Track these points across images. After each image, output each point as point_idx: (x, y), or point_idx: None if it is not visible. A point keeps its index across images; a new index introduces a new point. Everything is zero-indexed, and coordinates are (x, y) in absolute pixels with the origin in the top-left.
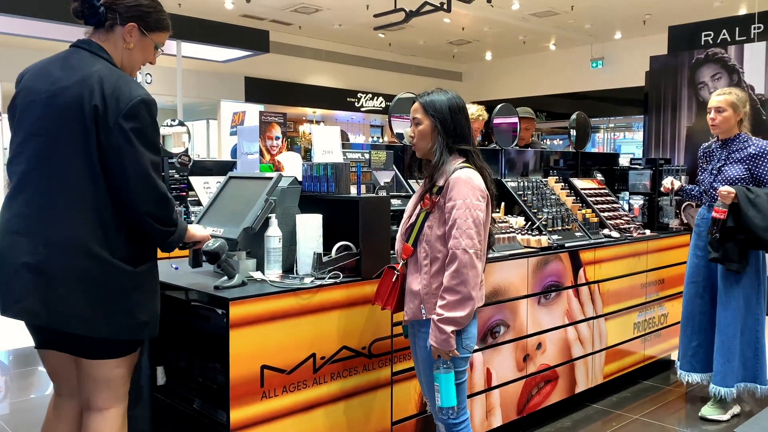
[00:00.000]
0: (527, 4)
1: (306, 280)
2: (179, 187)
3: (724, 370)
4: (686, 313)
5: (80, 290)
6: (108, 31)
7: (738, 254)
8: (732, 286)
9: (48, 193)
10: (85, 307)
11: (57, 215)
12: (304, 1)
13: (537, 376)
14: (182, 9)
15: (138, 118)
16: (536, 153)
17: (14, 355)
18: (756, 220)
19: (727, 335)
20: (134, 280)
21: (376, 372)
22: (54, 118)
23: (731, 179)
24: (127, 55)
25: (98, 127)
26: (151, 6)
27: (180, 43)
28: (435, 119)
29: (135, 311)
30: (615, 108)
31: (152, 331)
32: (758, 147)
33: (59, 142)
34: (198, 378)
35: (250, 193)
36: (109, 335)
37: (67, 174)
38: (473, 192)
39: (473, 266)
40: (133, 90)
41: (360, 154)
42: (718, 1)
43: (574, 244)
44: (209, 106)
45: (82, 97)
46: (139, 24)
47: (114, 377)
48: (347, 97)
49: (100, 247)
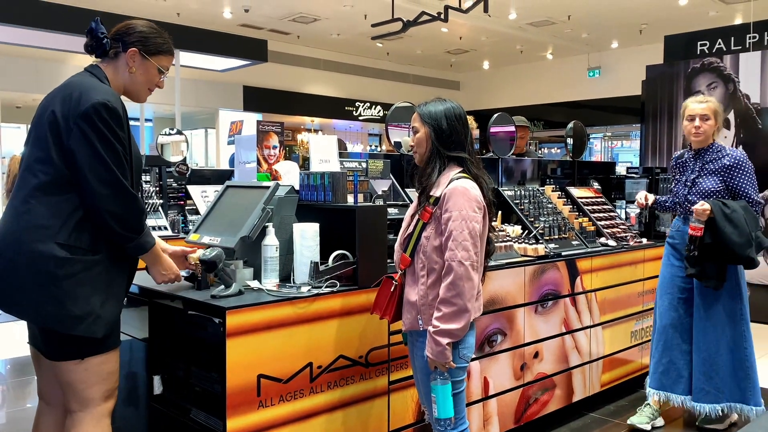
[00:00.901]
0: (524, 13)
1: (303, 289)
2: (177, 196)
3: (706, 387)
4: (659, 327)
5: (14, 273)
6: (113, 59)
7: (716, 271)
8: (711, 300)
9: (14, 191)
10: (16, 290)
11: (11, 206)
12: (302, 11)
13: (534, 385)
14: (181, 18)
15: (93, 119)
16: (533, 162)
17: (11, 364)
18: (733, 236)
19: (708, 352)
20: (66, 268)
21: (373, 381)
22: (31, 127)
23: (706, 191)
24: (131, 79)
25: (59, 129)
26: (152, 32)
27: (178, 52)
28: (430, 127)
29: (64, 301)
30: (612, 117)
31: (87, 330)
32: (733, 158)
33: (30, 148)
34: (195, 387)
35: (247, 202)
36: (37, 322)
37: (25, 173)
38: (469, 203)
39: (469, 278)
40: (96, 95)
41: (357, 163)
42: (714, 10)
43: (571, 253)
44: (208, 115)
45: (49, 104)
46: (139, 49)
47: (71, 381)
48: (345, 106)
49: (36, 233)
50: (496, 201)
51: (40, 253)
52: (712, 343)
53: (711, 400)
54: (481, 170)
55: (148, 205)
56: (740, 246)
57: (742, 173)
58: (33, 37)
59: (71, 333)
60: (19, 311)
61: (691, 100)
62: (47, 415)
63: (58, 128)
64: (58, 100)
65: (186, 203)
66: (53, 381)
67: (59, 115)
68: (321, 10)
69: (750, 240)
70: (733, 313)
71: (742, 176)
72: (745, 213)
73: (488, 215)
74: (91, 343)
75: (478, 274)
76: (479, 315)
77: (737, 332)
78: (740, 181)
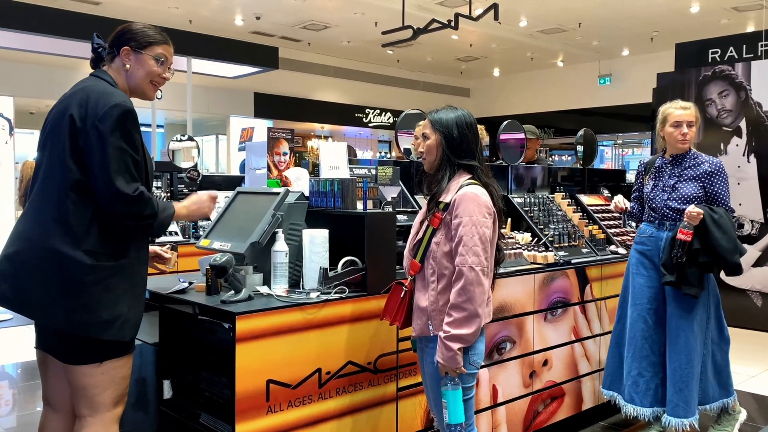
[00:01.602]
0: (535, 21)
1: (312, 294)
2: None
3: (675, 399)
4: (627, 338)
5: (41, 280)
6: (113, 63)
7: (698, 278)
8: (685, 310)
9: (34, 196)
10: (44, 297)
11: (32, 212)
12: (313, 18)
13: (543, 393)
14: (193, 26)
15: (108, 120)
16: (543, 169)
17: (22, 368)
18: (722, 241)
19: (679, 362)
20: (94, 275)
21: (381, 387)
22: (47, 132)
23: (687, 197)
24: (130, 76)
25: (76, 132)
26: (141, 27)
27: (190, 59)
28: (441, 134)
29: (94, 307)
30: (623, 124)
31: (116, 334)
32: (713, 164)
33: (46, 152)
34: (205, 392)
35: (257, 209)
36: (66, 328)
37: (47, 178)
38: (479, 209)
39: (479, 283)
40: (112, 98)
41: (367, 169)
42: (726, 18)
43: (581, 261)
44: (219, 121)
45: (66, 109)
46: (131, 45)
47: (86, 385)
48: (355, 113)
49: (62, 240)
50: (505, 209)
51: (67, 261)
52: (683, 355)
53: (680, 414)
54: (491, 178)
55: None
56: (729, 251)
57: (721, 180)
58: (46, 44)
59: (101, 338)
60: (47, 318)
61: (673, 106)
62: (53, 421)
63: (76, 132)
64: (74, 105)
65: None
66: (61, 385)
67: (77, 118)
68: (332, 17)
69: (737, 245)
70: (708, 320)
71: (721, 183)
72: (728, 219)
73: (498, 223)
74: (114, 346)
75: (489, 280)
76: (489, 321)
77: (714, 336)
78: (719, 188)
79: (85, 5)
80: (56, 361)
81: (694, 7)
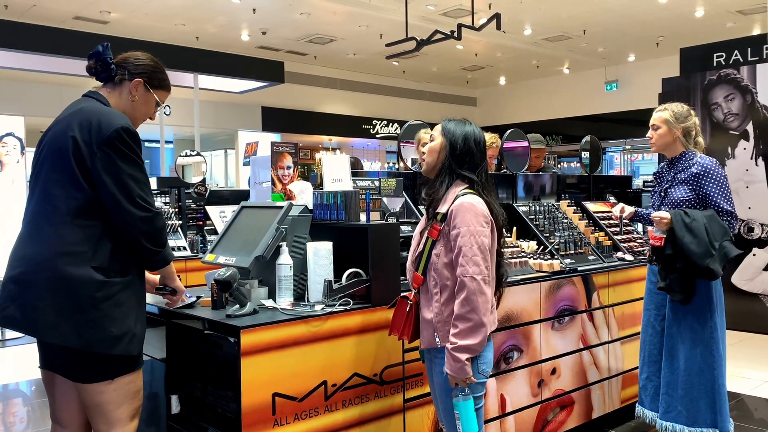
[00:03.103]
0: (539, 29)
1: (317, 307)
2: (196, 217)
3: (664, 404)
4: (640, 342)
5: (50, 299)
6: (116, 85)
7: (680, 284)
8: (680, 316)
9: (33, 219)
10: (54, 316)
11: (35, 234)
12: (318, 32)
13: (552, 402)
14: (200, 42)
15: (116, 143)
16: (549, 177)
17: (35, 385)
18: (692, 246)
19: (672, 367)
20: (105, 291)
21: (388, 399)
22: (45, 153)
23: (676, 201)
24: (131, 107)
25: (82, 155)
26: (156, 66)
27: (197, 75)
28: (447, 140)
29: (105, 323)
30: (631, 130)
31: (126, 348)
32: (701, 165)
33: (42, 175)
34: (213, 406)
35: (261, 222)
36: (79, 345)
37: (48, 200)
38: (476, 218)
39: (482, 292)
40: (115, 120)
41: (370, 181)
42: (731, 21)
43: (587, 268)
44: (227, 136)
45: (65, 131)
46: (144, 80)
47: (101, 402)
48: (362, 124)
49: (71, 260)
50: (506, 219)
51: (78, 278)
52: (678, 361)
53: (670, 418)
54: (492, 195)
55: (168, 226)
56: (699, 256)
57: (711, 181)
58: (56, 63)
59: (110, 353)
60: (58, 337)
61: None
62: None
63: (81, 154)
64: (75, 127)
65: (205, 224)
66: (71, 404)
67: (80, 141)
68: (337, 30)
69: (709, 250)
70: (703, 332)
71: (711, 184)
72: (709, 222)
73: (498, 235)
74: (123, 362)
75: (491, 288)
76: (494, 329)
77: (706, 352)
78: (709, 189)
79: (94, 24)
80: (64, 380)
81: (699, 11)
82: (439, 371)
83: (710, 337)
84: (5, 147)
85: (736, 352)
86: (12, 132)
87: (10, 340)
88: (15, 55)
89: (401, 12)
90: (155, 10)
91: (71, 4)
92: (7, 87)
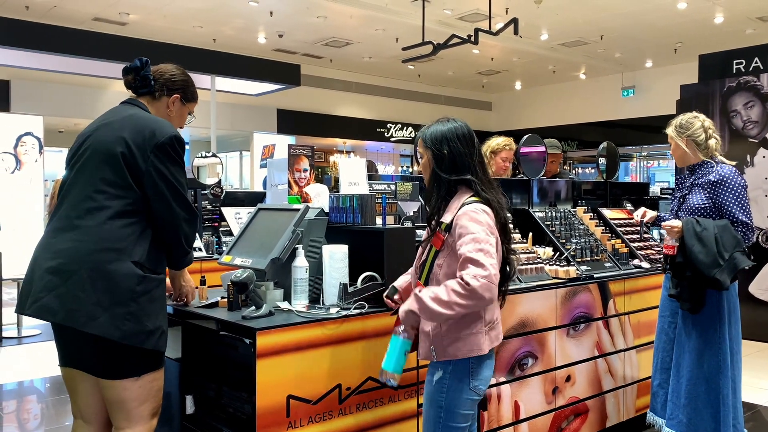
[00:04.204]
0: (556, 34)
1: (332, 310)
2: (211, 218)
3: (670, 413)
4: (654, 349)
5: (89, 290)
6: (154, 99)
7: (689, 293)
8: (690, 325)
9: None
10: (92, 306)
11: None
12: (334, 35)
13: (566, 409)
14: (217, 45)
15: (169, 150)
16: (565, 183)
17: (50, 382)
18: (700, 255)
19: (678, 376)
20: (143, 285)
21: (402, 403)
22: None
23: (693, 208)
24: (168, 119)
25: (134, 159)
26: (189, 80)
27: (214, 77)
28: (431, 151)
29: (141, 317)
30: (648, 136)
31: (156, 344)
32: (719, 174)
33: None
34: (227, 407)
35: (277, 225)
36: (116, 337)
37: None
38: (480, 226)
39: (480, 297)
40: (167, 128)
41: (386, 185)
42: (752, 28)
43: (604, 275)
44: (243, 138)
45: (117, 133)
46: (181, 95)
47: (125, 399)
48: (377, 128)
49: (112, 255)
50: (511, 220)
51: (119, 271)
52: (685, 369)
53: (673, 426)
54: (493, 191)
55: None
56: (706, 266)
57: (728, 190)
58: (75, 64)
59: (143, 347)
60: (95, 327)
61: None
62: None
63: (134, 157)
64: (127, 132)
65: (220, 225)
66: (94, 399)
67: (133, 145)
68: (353, 34)
69: (717, 260)
70: (710, 342)
71: (727, 193)
72: (721, 232)
73: (503, 237)
74: (150, 358)
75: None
76: (497, 344)
77: (713, 362)
78: (725, 199)
79: (113, 26)
80: (87, 377)
81: (718, 18)
82: (429, 380)
83: (718, 348)
84: (24, 146)
85: (752, 362)
86: (31, 131)
87: (27, 338)
88: (34, 55)
89: (418, 16)
90: (173, 12)
91: (91, 6)
92: (27, 87)
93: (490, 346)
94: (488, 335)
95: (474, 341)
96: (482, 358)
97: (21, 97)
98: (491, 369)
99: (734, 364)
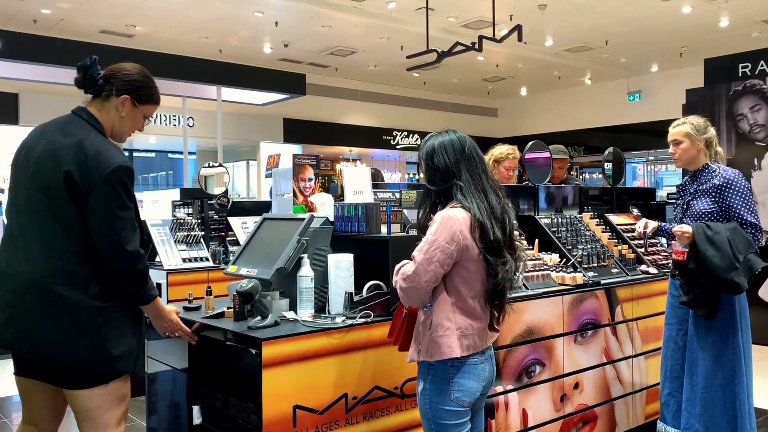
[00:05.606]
0: (561, 40)
1: (338, 319)
2: (218, 228)
3: (684, 420)
4: (662, 357)
5: (51, 324)
6: (104, 101)
7: (704, 299)
8: (703, 332)
9: (20, 233)
10: (56, 340)
11: (27, 259)
12: (339, 44)
13: (575, 417)
14: (223, 55)
15: (114, 183)
16: (572, 189)
17: None
18: (715, 259)
19: (693, 383)
20: (102, 315)
21: (409, 413)
22: (37, 175)
23: (699, 213)
24: (119, 123)
25: (77, 191)
26: (144, 81)
27: (220, 88)
28: (424, 164)
29: (105, 345)
30: (654, 141)
31: (126, 366)
32: (723, 177)
33: (36, 198)
34: (234, 418)
35: (283, 234)
36: (81, 368)
37: (39, 225)
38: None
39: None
40: (113, 157)
41: (391, 193)
42: (757, 31)
43: (611, 281)
44: (249, 147)
45: (62, 161)
46: (131, 96)
47: (91, 407)
48: (383, 135)
49: (70, 288)
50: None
51: (79, 305)
52: (700, 378)
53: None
54: (474, 193)
55: (191, 237)
56: (723, 270)
57: (734, 193)
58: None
59: (112, 371)
60: (62, 360)
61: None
62: None
63: (77, 190)
64: (70, 160)
65: (227, 234)
66: (51, 408)
67: (77, 176)
68: (358, 43)
69: (733, 263)
70: (725, 348)
71: (734, 196)
72: (732, 234)
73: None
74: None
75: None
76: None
77: (728, 368)
78: (732, 201)
79: (120, 38)
80: (46, 386)
81: (724, 21)
82: (417, 392)
83: (733, 354)
84: None
85: (762, 367)
86: None
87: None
88: (42, 68)
89: (422, 24)
90: (180, 23)
91: (98, 19)
92: (35, 100)
93: (464, 352)
94: (460, 340)
95: (445, 343)
96: (460, 365)
97: (29, 110)
98: (476, 380)
99: (746, 369)
